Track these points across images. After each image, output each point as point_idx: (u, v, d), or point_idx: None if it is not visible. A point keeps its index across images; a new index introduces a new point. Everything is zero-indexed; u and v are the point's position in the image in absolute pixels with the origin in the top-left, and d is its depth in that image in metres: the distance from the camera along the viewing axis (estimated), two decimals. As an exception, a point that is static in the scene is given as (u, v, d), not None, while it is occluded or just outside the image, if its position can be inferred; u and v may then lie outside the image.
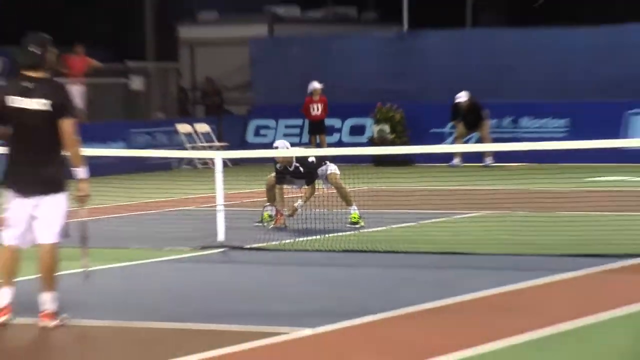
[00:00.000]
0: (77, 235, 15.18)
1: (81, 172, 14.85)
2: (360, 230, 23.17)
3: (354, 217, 23.67)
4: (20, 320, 15.10)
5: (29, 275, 15.55)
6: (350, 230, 23.19)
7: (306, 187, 24.18)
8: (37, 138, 14.65)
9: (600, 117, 37.96)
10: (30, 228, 14.79)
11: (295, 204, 24.13)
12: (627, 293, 16.52)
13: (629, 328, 14.73)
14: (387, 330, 14.77)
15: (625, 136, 37.99)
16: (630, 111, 39.64)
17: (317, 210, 24.22)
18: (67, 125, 14.48)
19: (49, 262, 14.68)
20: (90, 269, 15.41)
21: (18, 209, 14.74)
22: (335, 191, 24.02)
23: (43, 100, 14.42)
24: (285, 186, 24.14)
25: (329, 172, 24.22)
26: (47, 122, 14.54)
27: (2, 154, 15.21)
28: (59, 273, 15.01)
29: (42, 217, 14.64)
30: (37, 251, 14.83)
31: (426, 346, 13.60)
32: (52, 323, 14.56)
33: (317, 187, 24.21)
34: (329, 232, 22.96)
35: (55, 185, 14.65)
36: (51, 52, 14.64)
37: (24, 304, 15.29)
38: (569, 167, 33.52)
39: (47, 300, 14.67)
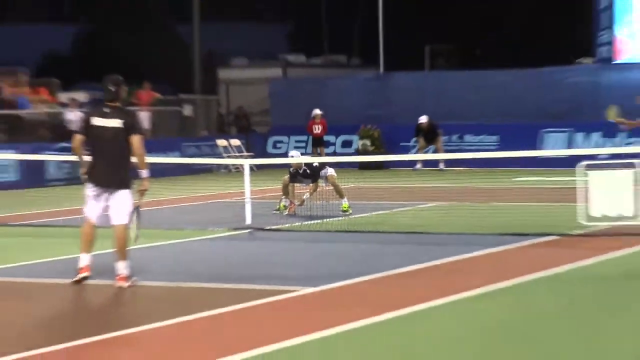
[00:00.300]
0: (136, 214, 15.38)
1: (144, 173, 15.17)
2: (349, 216, 23.08)
3: (345, 207, 23.68)
4: (100, 281, 15.13)
5: (105, 249, 15.50)
6: (342, 216, 23.08)
7: (311, 184, 24.14)
8: (112, 148, 14.99)
9: (522, 135, 37.81)
10: (103, 211, 15.09)
11: (303, 197, 24.18)
12: (542, 261, 16.62)
13: (544, 286, 14.82)
14: (369, 288, 14.95)
15: (539, 148, 37.81)
16: (543, 130, 39.43)
17: (319, 201, 24.16)
18: (136, 140, 14.88)
19: (122, 238, 15.01)
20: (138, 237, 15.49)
21: (96, 197, 15.02)
22: (331, 188, 23.97)
23: (118, 120, 14.80)
24: (296, 184, 24.10)
25: (328, 173, 24.27)
26: (119, 137, 14.91)
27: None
28: (129, 247, 15.10)
29: (114, 206, 14.99)
30: (113, 231, 15.04)
31: (399, 299, 13.78)
32: (126, 284, 14.82)
33: (319, 184, 24.15)
34: (327, 217, 22.95)
35: (125, 183, 15.03)
36: (123, 89, 15.16)
37: (102, 270, 15.23)
38: (499, 171, 33.35)
39: (121, 267, 14.93)
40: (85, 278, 14.90)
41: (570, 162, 24.05)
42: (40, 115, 39.86)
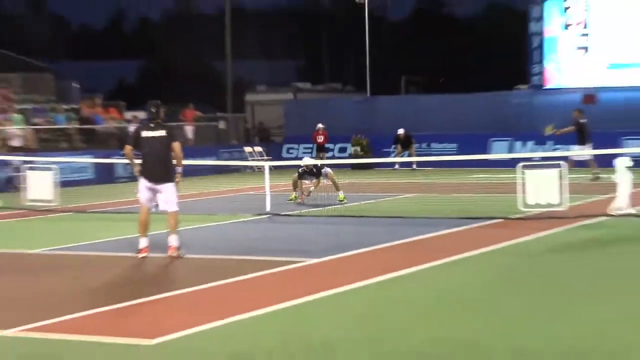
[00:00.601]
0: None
1: (180, 169, 15.28)
2: (345, 204, 22.98)
3: (341, 197, 23.56)
4: (154, 255, 15.08)
5: (158, 231, 15.46)
6: (339, 205, 22.97)
7: (315, 180, 24.05)
8: (159, 152, 15.02)
9: (475, 142, 37.54)
10: (153, 199, 15.16)
11: (310, 190, 24.04)
12: (490, 238, 16.55)
13: (492, 257, 14.85)
14: (359, 258, 14.93)
15: (488, 152, 37.73)
16: (491, 139, 39.36)
17: (321, 193, 24.10)
18: (176, 145, 15.11)
19: (174, 220, 15.01)
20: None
21: (147, 189, 15.04)
22: (330, 183, 23.87)
23: (162, 131, 14.97)
24: (303, 180, 24.02)
25: (327, 172, 24.14)
26: (164, 143, 15.02)
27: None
28: (179, 228, 15.13)
29: (165, 195, 15.01)
30: (166, 216, 15.05)
31: (382, 267, 13.71)
32: (175, 254, 14.88)
33: (321, 180, 24.08)
34: (328, 205, 22.90)
35: (169, 178, 15.02)
36: (161, 110, 15.28)
37: (155, 246, 15.20)
38: (457, 170, 33.31)
39: (173, 240, 14.97)
40: (144, 257, 14.90)
41: (511, 163, 24.03)
42: (110, 129, 39.83)
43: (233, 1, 52.17)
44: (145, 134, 15.07)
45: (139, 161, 15.18)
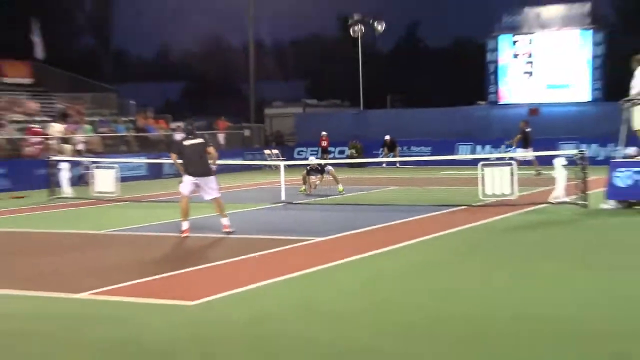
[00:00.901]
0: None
1: (214, 167, 15.49)
2: (343, 195, 22.92)
3: (340, 189, 23.47)
4: (195, 234, 15.03)
5: (196, 216, 15.45)
6: (338, 195, 22.89)
7: (320, 176, 23.99)
8: (200, 154, 15.20)
9: (445, 146, 37.74)
10: (194, 191, 15.39)
11: (316, 183, 23.97)
12: (457, 221, 16.52)
13: (459, 235, 14.80)
14: (355, 237, 14.89)
15: (455, 154, 37.69)
16: (457, 143, 39.41)
17: (324, 186, 24.06)
18: (211, 149, 15.38)
19: (220, 205, 15.27)
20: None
21: (192, 183, 15.14)
22: (332, 178, 23.81)
23: (200, 140, 15.29)
24: (310, 176, 23.95)
25: (329, 169, 24.08)
26: (202, 148, 15.24)
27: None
28: (224, 210, 15.31)
29: (208, 187, 15.16)
30: (212, 204, 15.45)
31: (373, 244, 13.64)
32: (228, 230, 15.07)
33: (324, 176, 24.01)
34: (329, 195, 22.83)
35: (209, 172, 15.22)
36: (195, 126, 16.52)
37: (202, 226, 15.16)
38: (431, 168, 33.27)
39: (225, 221, 15.17)
40: (186, 237, 14.85)
41: (473, 162, 24.03)
42: (159, 136, 39.83)
43: (255, 35, 52.08)
44: (186, 143, 15.28)
45: (180, 161, 15.34)
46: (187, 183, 15.20)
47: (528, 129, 29.97)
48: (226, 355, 7.33)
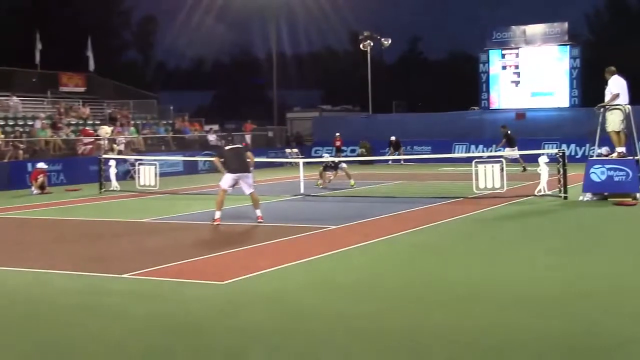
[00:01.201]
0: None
1: (252, 169, 15.61)
2: (354, 188, 22.90)
3: (352, 184, 23.45)
4: (229, 223, 15.01)
5: (229, 206, 15.50)
6: (350, 189, 22.86)
7: (334, 172, 23.98)
8: (239, 155, 15.38)
9: (443, 146, 37.74)
10: (233, 186, 15.40)
11: (330, 178, 23.94)
12: (454, 211, 16.52)
13: (455, 223, 14.78)
14: (365, 225, 14.86)
15: (452, 152, 37.54)
16: (454, 143, 39.33)
17: (338, 181, 24.05)
18: (249, 154, 15.74)
19: (256, 198, 15.32)
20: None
21: (232, 179, 15.18)
22: (344, 174, 23.79)
23: (239, 145, 15.90)
24: (326, 172, 23.92)
25: (343, 166, 24.07)
26: (242, 151, 15.57)
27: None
28: (259, 202, 15.34)
29: (245, 183, 15.27)
30: (249, 197, 15.52)
31: (380, 231, 13.65)
32: (261, 221, 14.97)
33: (338, 172, 24.01)
34: (342, 189, 22.79)
35: (247, 170, 15.36)
36: (232, 135, 16.69)
37: (233, 216, 15.19)
38: (431, 164, 33.17)
39: (258, 212, 15.17)
40: (218, 225, 14.86)
41: (468, 160, 23.93)
42: (194, 137, 39.91)
43: (278, 48, 52.13)
44: (227, 147, 15.77)
45: (221, 162, 15.63)
46: (227, 179, 15.31)
47: (508, 131, 30.21)
48: (253, 326, 7.36)
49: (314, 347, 6.66)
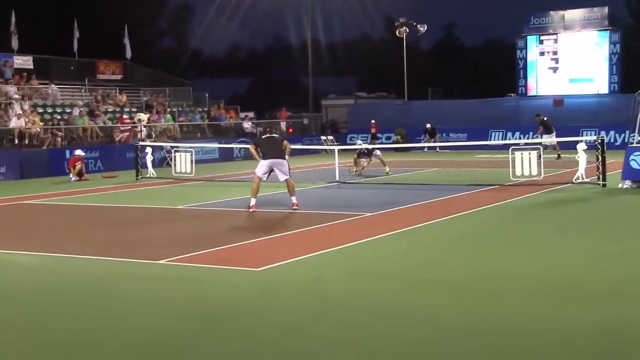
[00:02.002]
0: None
1: (287, 157, 15.56)
2: (389, 175, 22.78)
3: (387, 171, 23.35)
4: (264, 209, 15.01)
5: (263, 193, 15.50)
6: (385, 176, 22.75)
7: (368, 158, 23.89)
8: (275, 143, 15.49)
9: (479, 133, 37.31)
10: (267, 174, 15.43)
11: (364, 165, 23.85)
12: (490, 198, 16.36)
13: (491, 211, 14.66)
14: (400, 213, 14.81)
15: (489, 140, 37.20)
16: (490, 130, 39.11)
17: (373, 168, 23.95)
18: (286, 143, 15.71)
19: (291, 185, 15.29)
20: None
21: (267, 165, 15.23)
22: (380, 161, 23.69)
23: (276, 134, 15.85)
24: (360, 159, 23.84)
25: (377, 153, 23.98)
26: (278, 140, 15.65)
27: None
28: (294, 189, 15.37)
29: (280, 170, 15.29)
30: (284, 184, 15.54)
31: (416, 218, 13.62)
32: (296, 208, 14.99)
33: (372, 159, 23.91)
34: (377, 176, 22.68)
35: (282, 157, 15.32)
36: (270, 127, 16.81)
37: (268, 202, 15.19)
38: (467, 152, 32.92)
39: (294, 199, 15.15)
40: (253, 212, 14.87)
41: (504, 147, 23.75)
42: (230, 124, 40.03)
43: (313, 35, 51.95)
44: (264, 137, 15.90)
45: (254, 149, 15.87)
46: (262, 166, 15.36)
47: (544, 118, 29.85)
48: (287, 313, 7.34)
49: (351, 335, 6.60)
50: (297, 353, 6.20)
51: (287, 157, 15.62)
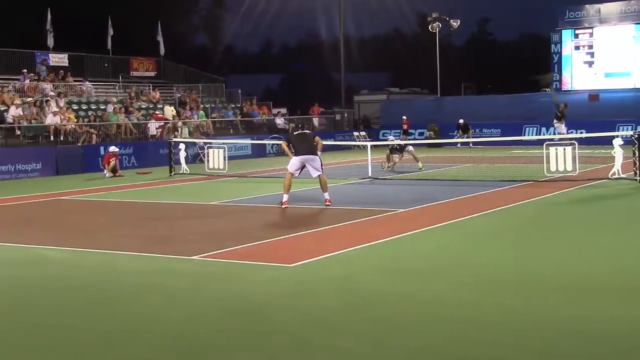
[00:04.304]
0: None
1: (320, 153, 15.56)
2: (422, 172, 22.64)
3: (420, 167, 23.21)
4: (300, 205, 15.04)
5: (303, 188, 15.52)
6: (418, 171, 22.63)
7: (400, 154, 23.84)
8: (307, 139, 15.52)
9: (513, 128, 36.97)
10: (299, 170, 15.48)
11: (395, 161, 23.79)
12: (525, 194, 16.27)
13: (526, 206, 14.52)
14: (432, 209, 14.77)
15: (523, 135, 36.86)
16: (525, 125, 38.89)
17: (406, 164, 23.88)
18: (318, 138, 15.65)
19: (324, 181, 15.31)
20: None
21: (299, 161, 15.30)
22: (412, 157, 23.60)
23: (307, 130, 16.20)
24: (393, 154, 23.79)
25: (409, 149, 23.91)
26: (310, 136, 15.68)
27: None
28: (327, 185, 15.35)
29: (312, 166, 15.31)
30: (317, 179, 15.49)
31: (448, 214, 13.54)
32: (330, 204, 15.02)
33: (404, 155, 23.85)
34: (410, 172, 22.61)
35: (313, 153, 15.30)
36: (302, 124, 16.78)
37: (301, 199, 15.21)
38: (501, 147, 32.66)
39: (326, 195, 15.19)
40: (285, 208, 14.93)
41: (538, 143, 23.55)
42: (262, 120, 40.12)
43: (345, 32, 51.87)
44: (296, 133, 16.02)
45: (286, 145, 15.84)
46: (293, 162, 15.45)
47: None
48: (321, 309, 7.37)
49: (382, 331, 6.61)
50: (328, 348, 6.22)
51: (319, 153, 15.64)
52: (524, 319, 6.81)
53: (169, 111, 34.38)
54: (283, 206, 15.02)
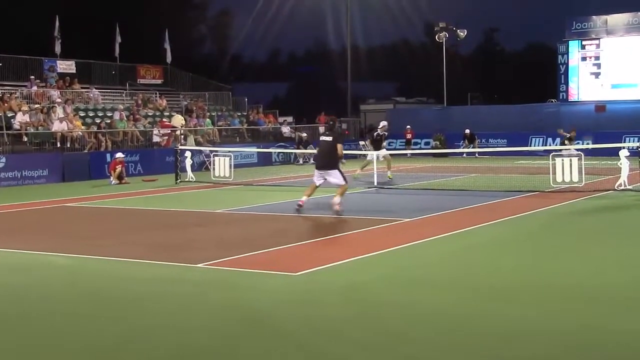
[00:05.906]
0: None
1: (342, 160, 15.85)
2: (423, 181, 22.61)
3: (390, 176, 23.05)
4: (312, 214, 15.05)
5: (320, 195, 15.51)
6: (424, 181, 22.58)
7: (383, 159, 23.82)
8: (325, 150, 15.65)
9: (519, 139, 36.90)
10: (321, 180, 15.61)
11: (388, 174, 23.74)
12: (530, 205, 16.20)
13: (531, 217, 14.47)
14: (439, 218, 14.75)
15: (529, 145, 36.83)
16: (531, 136, 38.74)
17: (412, 173, 23.80)
18: (339, 146, 15.55)
19: (343, 189, 15.31)
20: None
21: (317, 174, 15.56)
22: (386, 162, 23.53)
23: (330, 137, 15.56)
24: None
25: (385, 154, 23.82)
26: (330, 144, 15.53)
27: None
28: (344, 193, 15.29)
29: (332, 179, 15.45)
30: (337, 189, 15.54)
31: (455, 224, 13.52)
32: (337, 208, 15.01)
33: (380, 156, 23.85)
34: (415, 181, 22.55)
35: (331, 166, 15.41)
36: (336, 123, 17.42)
37: (308, 207, 15.22)
38: (507, 158, 32.58)
39: (337, 200, 15.16)
40: (300, 206, 15.23)
41: (545, 153, 23.50)
42: (268, 128, 40.16)
43: (352, 42, 51.95)
44: (321, 138, 16.15)
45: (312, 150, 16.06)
46: (316, 175, 15.77)
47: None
48: (326, 318, 7.35)
49: (387, 341, 6.59)
50: (333, 357, 6.20)
51: (340, 162, 15.73)
52: (532, 329, 6.78)
53: (178, 119, 34.38)
54: (298, 204, 15.31)
